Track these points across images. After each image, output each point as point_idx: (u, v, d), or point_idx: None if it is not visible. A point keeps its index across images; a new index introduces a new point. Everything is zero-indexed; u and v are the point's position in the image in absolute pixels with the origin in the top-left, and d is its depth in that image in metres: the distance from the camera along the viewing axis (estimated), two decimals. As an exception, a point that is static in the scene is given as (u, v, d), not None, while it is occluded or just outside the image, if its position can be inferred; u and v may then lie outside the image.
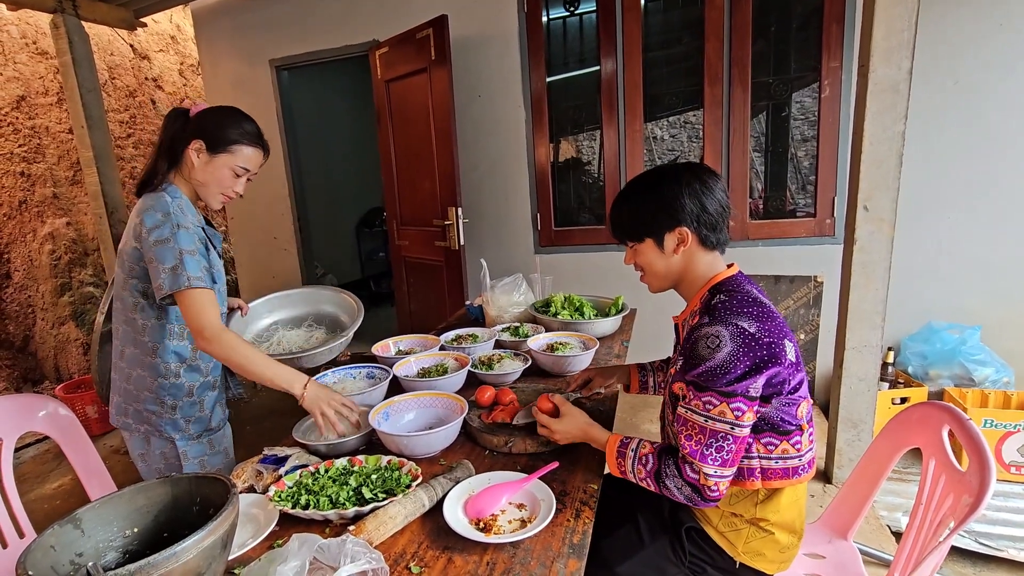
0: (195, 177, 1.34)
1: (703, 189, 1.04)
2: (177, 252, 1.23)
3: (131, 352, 1.37)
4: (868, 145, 2.00)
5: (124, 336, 1.38)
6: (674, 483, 0.97)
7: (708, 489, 0.94)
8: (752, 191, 3.16)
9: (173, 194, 1.31)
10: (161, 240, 1.23)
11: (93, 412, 3.25)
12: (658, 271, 1.11)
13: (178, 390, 1.39)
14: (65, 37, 3.27)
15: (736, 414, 0.93)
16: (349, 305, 1.77)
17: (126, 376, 1.38)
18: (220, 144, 1.32)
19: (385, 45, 3.31)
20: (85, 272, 4.32)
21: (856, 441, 2.22)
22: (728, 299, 0.99)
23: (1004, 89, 2.59)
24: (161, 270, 1.22)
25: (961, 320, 2.77)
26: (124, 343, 1.38)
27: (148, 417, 1.38)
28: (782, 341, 0.96)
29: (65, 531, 0.74)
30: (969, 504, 0.94)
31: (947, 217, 2.76)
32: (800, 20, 2.92)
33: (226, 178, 1.35)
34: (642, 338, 2.25)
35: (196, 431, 1.43)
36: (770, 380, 0.95)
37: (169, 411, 1.38)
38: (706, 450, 0.94)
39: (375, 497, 1.01)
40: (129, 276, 1.32)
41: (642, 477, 1.02)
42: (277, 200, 4.12)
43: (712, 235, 1.06)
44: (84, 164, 3.48)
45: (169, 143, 1.33)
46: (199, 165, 1.32)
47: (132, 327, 1.36)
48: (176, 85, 5.50)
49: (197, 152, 1.31)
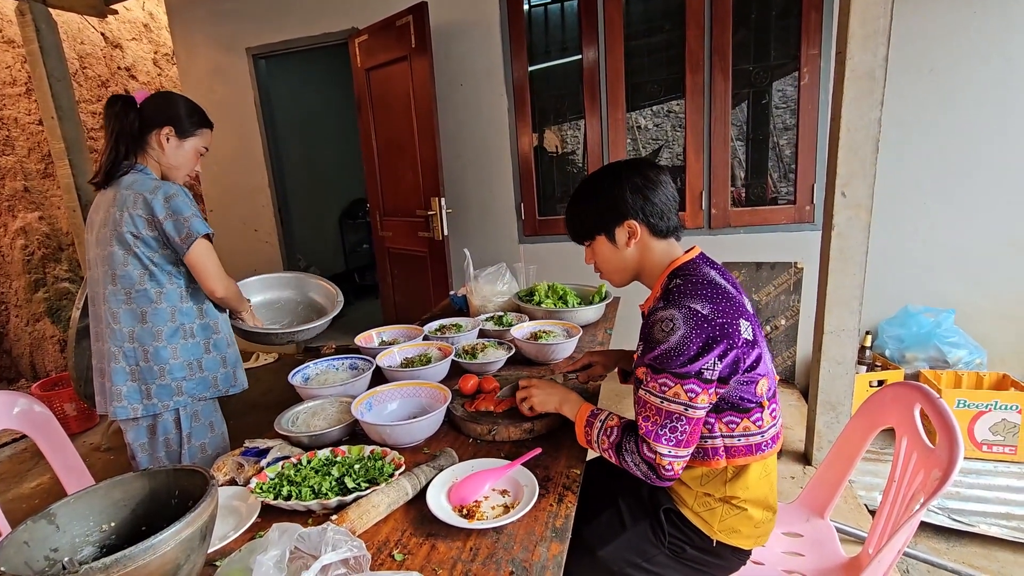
0: (166, 161, 1.43)
1: (644, 182, 1.09)
2: (189, 202, 1.36)
3: (141, 329, 1.39)
4: (845, 132, 2.02)
5: (128, 317, 1.39)
6: (632, 458, 1.00)
7: (663, 468, 0.97)
8: (734, 179, 3.19)
9: (148, 172, 1.40)
10: (170, 195, 1.34)
11: (72, 409, 3.19)
12: (616, 266, 1.16)
13: (198, 349, 1.47)
14: (32, 24, 3.17)
15: (690, 396, 0.95)
16: (331, 293, 1.88)
17: (141, 355, 1.40)
18: (189, 128, 1.43)
19: (364, 33, 3.26)
20: (60, 267, 4.22)
21: (835, 423, 2.27)
22: (683, 283, 1.03)
23: (979, 77, 2.63)
24: (183, 219, 1.33)
25: (936, 304, 2.84)
26: (131, 323, 1.39)
27: (179, 385, 1.43)
28: (736, 320, 0.98)
29: (39, 526, 0.73)
30: (939, 478, 0.97)
31: (923, 203, 2.81)
32: (780, 8, 2.93)
33: (193, 159, 1.48)
34: (625, 326, 2.27)
35: (224, 385, 1.53)
36: (725, 359, 0.96)
37: (198, 370, 1.46)
38: (660, 430, 0.97)
39: (358, 487, 1.01)
40: (132, 247, 1.36)
41: (605, 448, 1.05)
42: (257, 191, 4.06)
43: (661, 223, 1.10)
44: (55, 156, 3.38)
45: (130, 130, 1.38)
46: (170, 149, 1.42)
47: (140, 301, 1.39)
48: (151, 75, 5.36)
49: (167, 137, 1.41)
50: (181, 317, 1.42)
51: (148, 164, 1.41)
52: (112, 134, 1.38)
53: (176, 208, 1.33)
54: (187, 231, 1.33)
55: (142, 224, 1.34)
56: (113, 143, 1.37)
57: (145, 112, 1.39)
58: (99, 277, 1.41)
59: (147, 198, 1.32)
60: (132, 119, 1.38)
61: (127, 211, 1.33)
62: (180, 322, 1.42)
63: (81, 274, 4.08)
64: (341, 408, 1.33)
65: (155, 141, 1.39)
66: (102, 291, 1.40)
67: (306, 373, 1.52)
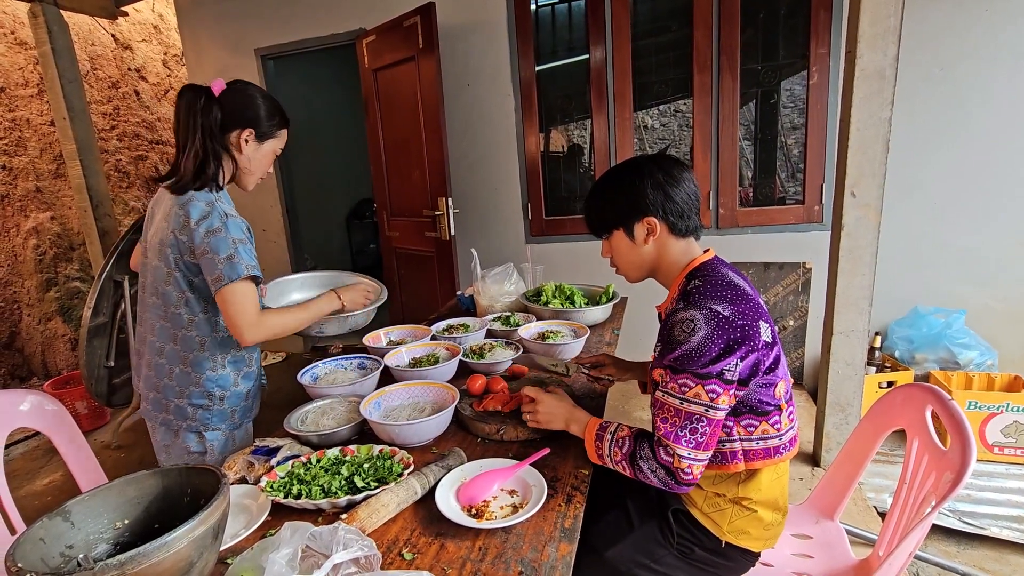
0: (242, 163, 1.33)
1: (666, 179, 1.07)
2: (231, 241, 1.22)
3: (172, 349, 1.33)
4: (855, 131, 2.01)
5: (162, 333, 1.34)
6: (648, 465, 0.97)
7: (682, 472, 0.95)
8: (742, 179, 3.17)
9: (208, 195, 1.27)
10: (212, 230, 1.22)
11: (83, 408, 3.23)
12: (632, 261, 1.14)
13: (226, 380, 1.38)
14: (44, 27, 3.21)
15: (711, 396, 0.94)
16: (372, 285, 1.78)
17: (166, 372, 1.35)
18: (269, 131, 1.33)
19: (372, 33, 3.27)
20: (71, 267, 4.27)
21: (844, 424, 2.25)
22: (703, 284, 1.02)
23: (989, 76, 2.61)
24: (217, 260, 1.20)
25: (946, 305, 2.81)
26: (163, 340, 1.34)
27: (193, 413, 1.36)
28: (756, 323, 0.97)
29: (55, 523, 0.74)
30: (951, 480, 0.96)
31: (933, 203, 2.79)
32: (788, 7, 2.91)
33: (268, 162, 1.38)
34: (633, 326, 2.26)
35: (240, 419, 1.43)
36: (746, 361, 0.96)
37: (218, 402, 1.37)
38: (680, 432, 0.95)
39: (367, 486, 1.01)
40: (175, 269, 1.28)
41: (618, 460, 1.02)
42: (264, 191, 4.08)
43: (680, 222, 1.08)
44: (67, 157, 3.42)
45: (210, 129, 1.26)
46: (247, 152, 1.32)
47: (174, 323, 1.32)
48: (160, 75, 5.41)
49: (246, 140, 1.31)
50: (212, 348, 1.34)
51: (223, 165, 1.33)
52: (195, 132, 1.25)
53: (214, 246, 1.21)
54: (217, 273, 1.20)
55: (185, 251, 1.26)
56: (200, 143, 1.25)
57: (225, 109, 1.27)
58: (146, 281, 1.37)
59: (192, 227, 1.22)
60: (215, 116, 1.26)
61: (174, 233, 1.26)
62: (210, 352, 1.34)
63: (92, 273, 4.12)
64: (350, 407, 1.34)
65: (233, 142, 1.30)
66: (147, 295, 1.37)
67: (315, 372, 1.53)
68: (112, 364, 2.89)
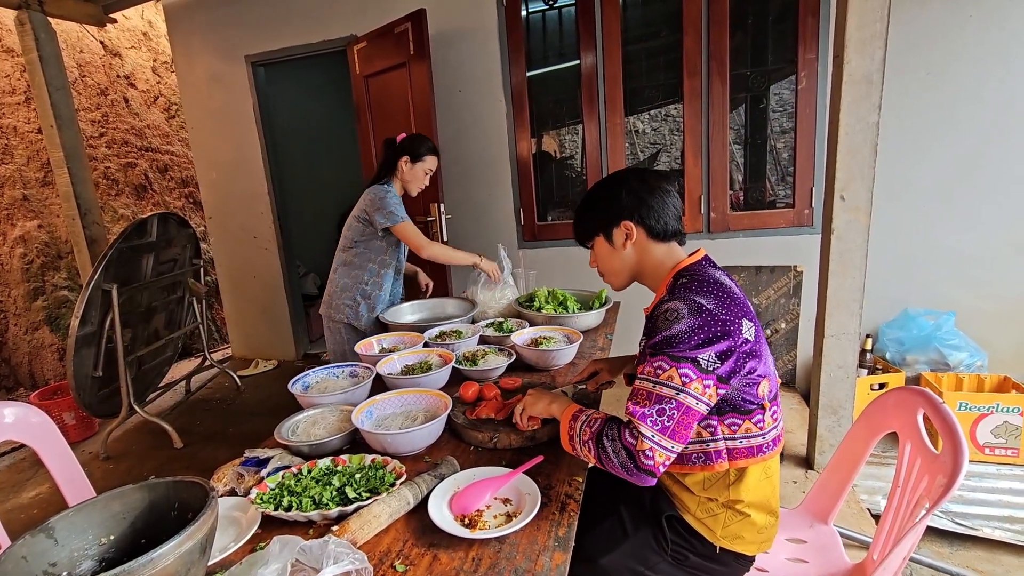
0: (404, 178, 2.19)
1: (641, 186, 1.12)
2: (391, 202, 2.10)
3: (342, 271, 2.21)
4: (844, 135, 2.03)
5: (338, 260, 2.25)
6: (612, 446, 0.95)
7: (643, 455, 0.92)
8: (732, 183, 3.19)
9: (388, 184, 2.18)
10: (379, 198, 2.10)
11: (71, 418, 3.18)
12: (614, 266, 1.19)
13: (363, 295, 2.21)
14: (31, 34, 3.18)
15: (683, 380, 0.94)
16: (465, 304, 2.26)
17: (336, 284, 2.22)
18: (418, 157, 2.16)
19: (363, 40, 3.27)
20: (59, 275, 4.22)
21: (836, 427, 2.26)
22: (689, 281, 1.04)
23: (977, 79, 2.64)
24: (381, 214, 2.08)
25: (936, 306, 2.83)
26: (337, 264, 2.24)
27: (343, 309, 2.20)
28: (739, 320, 0.98)
29: (37, 541, 0.72)
30: (943, 484, 0.96)
31: (922, 205, 2.81)
32: (777, 12, 2.94)
33: (422, 177, 2.21)
34: (626, 331, 2.26)
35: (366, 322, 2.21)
36: (725, 356, 0.95)
37: (356, 306, 2.20)
38: (647, 410, 0.94)
39: (359, 496, 1.00)
40: (353, 224, 2.18)
41: (585, 439, 1.00)
42: (255, 198, 4.06)
43: (658, 225, 1.11)
44: (54, 165, 3.39)
45: (389, 158, 2.19)
46: (407, 171, 2.17)
47: (348, 253, 2.20)
48: (149, 83, 5.38)
49: (405, 163, 2.16)
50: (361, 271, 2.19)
51: (392, 180, 2.19)
52: (384, 160, 2.21)
53: (377, 205, 2.10)
54: (379, 221, 2.10)
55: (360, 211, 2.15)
56: (381, 165, 2.22)
57: (398, 146, 2.17)
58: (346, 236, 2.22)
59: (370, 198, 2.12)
60: (390, 152, 2.19)
61: (361, 205, 2.16)
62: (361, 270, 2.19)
63: (80, 282, 4.07)
64: (341, 416, 1.33)
65: (400, 165, 2.16)
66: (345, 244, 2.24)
67: (306, 381, 1.52)
68: (100, 374, 2.84)
